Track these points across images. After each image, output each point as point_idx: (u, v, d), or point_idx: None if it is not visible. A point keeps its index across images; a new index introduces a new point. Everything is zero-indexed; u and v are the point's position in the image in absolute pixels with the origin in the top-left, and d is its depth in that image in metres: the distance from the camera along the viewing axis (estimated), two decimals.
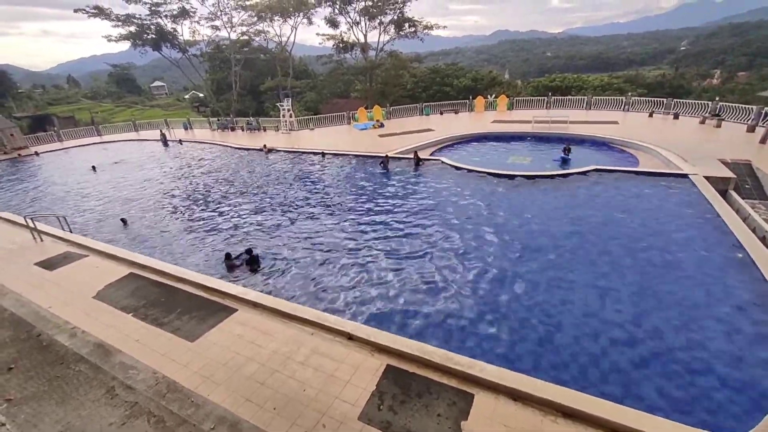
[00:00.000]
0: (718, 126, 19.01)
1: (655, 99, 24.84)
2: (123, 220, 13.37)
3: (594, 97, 27.68)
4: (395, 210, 12.39)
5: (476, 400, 4.81)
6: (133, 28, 41.88)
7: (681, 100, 23.60)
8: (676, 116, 22.06)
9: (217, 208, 14.26)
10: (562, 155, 16.50)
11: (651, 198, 11.74)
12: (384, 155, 17.52)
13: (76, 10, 39.50)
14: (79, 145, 30.29)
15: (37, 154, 27.53)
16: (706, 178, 12.22)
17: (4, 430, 4.80)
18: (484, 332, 6.65)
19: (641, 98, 26.53)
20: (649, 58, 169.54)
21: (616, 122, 21.77)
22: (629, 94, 28.23)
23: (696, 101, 22.87)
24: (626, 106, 25.44)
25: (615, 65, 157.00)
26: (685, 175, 12.74)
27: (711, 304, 6.92)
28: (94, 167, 21.81)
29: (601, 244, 9.27)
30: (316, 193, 14.83)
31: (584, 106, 27.14)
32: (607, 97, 27.48)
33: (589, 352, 6.07)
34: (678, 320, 6.57)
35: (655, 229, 9.83)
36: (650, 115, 23.09)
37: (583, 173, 13.92)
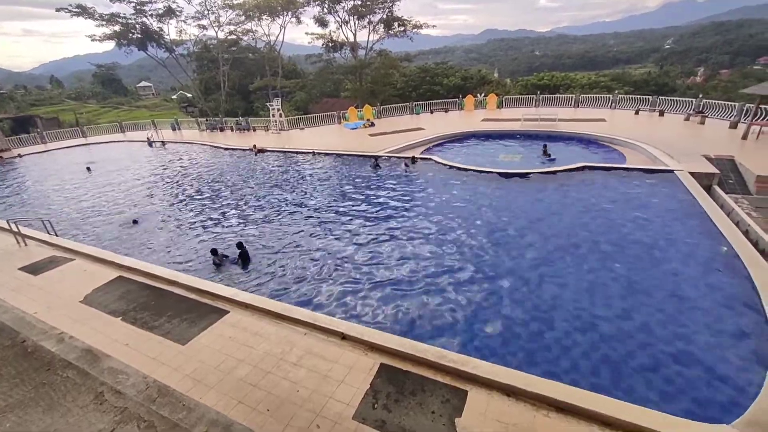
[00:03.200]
0: (702, 123, 19.43)
1: (641, 96, 25.20)
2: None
3: (582, 95, 28.02)
4: (385, 208, 12.37)
5: (470, 396, 4.84)
6: (117, 28, 41.09)
7: (666, 98, 23.99)
8: (661, 113, 22.48)
9: (207, 208, 14.07)
10: (545, 157, 16.63)
11: (638, 194, 11.93)
12: (373, 155, 17.50)
13: (58, 9, 38.65)
14: (63, 147, 29.61)
15: (20, 156, 26.86)
16: (691, 173, 12.47)
17: None
18: (479, 329, 6.69)
19: (628, 96, 26.93)
20: (635, 57, 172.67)
21: (603, 120, 22.06)
22: (616, 92, 28.67)
23: (681, 98, 23.26)
24: (613, 104, 25.82)
25: (602, 63, 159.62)
26: (670, 171, 12.98)
27: (696, 297, 7.05)
28: (88, 168, 21.45)
29: (590, 240, 9.39)
30: (307, 192, 14.74)
31: (572, 104, 27.46)
32: (595, 95, 27.82)
33: (580, 345, 6.14)
34: (664, 313, 6.69)
35: (642, 224, 9.99)
36: (636, 113, 23.48)
37: (572, 170, 14.10)
